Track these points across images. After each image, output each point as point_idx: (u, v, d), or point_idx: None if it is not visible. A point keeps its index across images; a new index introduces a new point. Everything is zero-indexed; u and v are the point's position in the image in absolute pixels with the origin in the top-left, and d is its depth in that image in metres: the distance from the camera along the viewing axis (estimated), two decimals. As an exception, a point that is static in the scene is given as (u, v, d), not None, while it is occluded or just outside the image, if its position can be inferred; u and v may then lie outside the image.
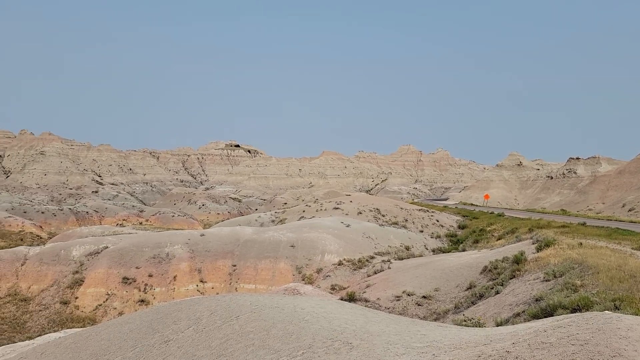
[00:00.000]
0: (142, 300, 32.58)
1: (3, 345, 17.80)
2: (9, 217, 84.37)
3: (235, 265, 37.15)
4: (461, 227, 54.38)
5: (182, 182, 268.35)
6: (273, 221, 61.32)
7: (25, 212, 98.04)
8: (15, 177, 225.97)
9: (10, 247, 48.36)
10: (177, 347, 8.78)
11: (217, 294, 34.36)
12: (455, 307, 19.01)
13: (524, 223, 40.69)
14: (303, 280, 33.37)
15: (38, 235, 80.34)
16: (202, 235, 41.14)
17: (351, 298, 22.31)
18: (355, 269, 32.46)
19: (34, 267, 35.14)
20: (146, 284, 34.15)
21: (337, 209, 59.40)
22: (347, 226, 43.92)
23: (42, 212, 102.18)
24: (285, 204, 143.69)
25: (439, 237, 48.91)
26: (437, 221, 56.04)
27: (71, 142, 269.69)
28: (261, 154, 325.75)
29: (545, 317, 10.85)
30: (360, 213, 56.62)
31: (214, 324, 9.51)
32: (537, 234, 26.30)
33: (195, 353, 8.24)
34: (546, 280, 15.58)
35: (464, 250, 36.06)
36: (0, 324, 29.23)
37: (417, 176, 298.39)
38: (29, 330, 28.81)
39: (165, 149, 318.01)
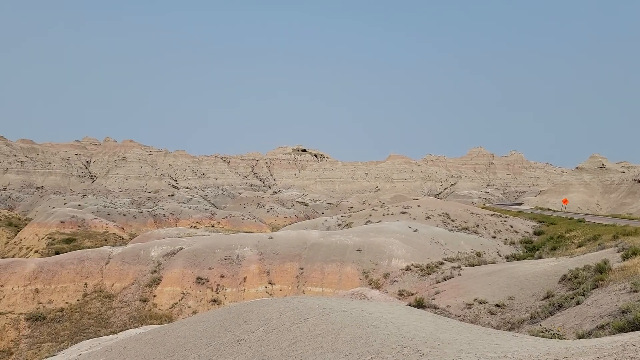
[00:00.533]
0: (215, 300, 33.78)
1: (90, 338, 19.17)
2: (95, 218, 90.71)
3: (302, 268, 37.61)
4: (537, 233, 51.70)
5: (251, 186, 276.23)
6: (339, 225, 61.48)
7: (109, 214, 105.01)
8: (100, 181, 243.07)
9: (96, 247, 52.01)
10: (249, 347, 9.01)
11: (285, 296, 34.94)
12: (531, 317, 18.08)
13: (607, 230, 37.98)
14: (370, 284, 33.15)
15: (120, 236, 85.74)
16: (271, 238, 42.03)
17: (420, 304, 21.86)
18: (423, 275, 31.78)
19: (116, 266, 37.48)
20: (218, 285, 35.38)
21: (404, 213, 58.52)
22: (415, 231, 43.14)
23: (124, 215, 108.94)
24: (352, 208, 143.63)
25: (512, 243, 46.79)
26: (511, 227, 53.65)
27: (150, 149, 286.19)
28: (327, 158, 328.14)
29: (633, 330, 10.06)
30: (429, 218, 55.41)
31: (283, 326, 9.67)
32: (623, 241, 24.45)
33: (265, 353, 8.42)
34: (634, 292, 14.43)
35: (540, 257, 34.24)
36: (87, 318, 31.43)
37: (488, 180, 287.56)
38: (112, 325, 30.74)
39: (236, 154, 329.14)
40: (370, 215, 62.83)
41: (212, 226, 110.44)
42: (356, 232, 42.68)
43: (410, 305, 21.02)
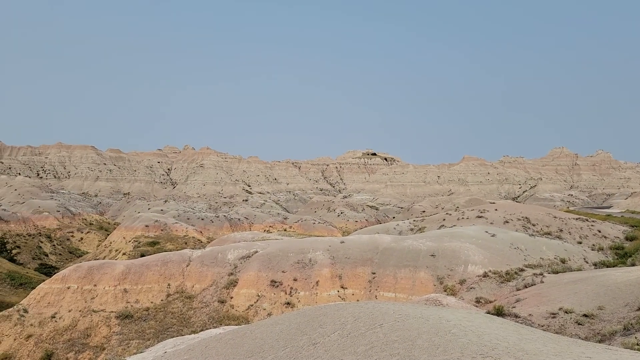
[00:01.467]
0: (288, 303, 34.41)
1: (174, 337, 20.25)
2: (176, 223, 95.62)
3: (374, 273, 37.34)
4: (629, 238, 47.82)
5: (321, 190, 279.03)
6: (411, 229, 60.43)
7: (188, 219, 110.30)
8: (180, 187, 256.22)
9: (177, 250, 54.81)
10: (325, 351, 9.07)
11: (358, 300, 34.88)
12: (625, 328, 16.74)
13: None
14: (445, 291, 32.26)
15: (199, 240, 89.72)
16: (342, 242, 42.16)
17: (499, 312, 20.95)
18: (502, 282, 30.43)
19: (196, 268, 39.25)
20: (291, 288, 36.01)
21: (480, 217, 56.43)
22: (493, 236, 41.45)
23: (202, 219, 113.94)
24: (424, 212, 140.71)
25: (601, 249, 43.62)
26: (599, 232, 50.03)
27: (225, 155, 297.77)
28: (398, 161, 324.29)
29: None
30: (507, 222, 53.02)
31: (358, 330, 9.64)
32: None
33: (342, 358, 8.44)
34: None
35: (633, 264, 31.65)
36: (170, 318, 33.16)
37: (572, 182, 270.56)
38: (193, 325, 32.21)
39: (306, 159, 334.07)
40: (444, 220, 61.22)
41: (285, 230, 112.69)
42: (429, 237, 41.75)
43: (488, 313, 20.19)
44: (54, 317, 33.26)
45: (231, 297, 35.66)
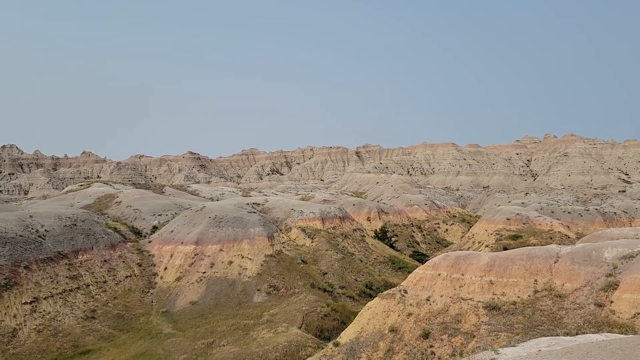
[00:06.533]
0: (693, 318, 27.45)
1: (546, 336, 19.12)
2: (539, 216, 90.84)
3: None
4: None
5: None
6: None
7: (552, 212, 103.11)
8: (541, 179, 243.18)
9: (542, 245, 51.88)
10: None
11: None
12: None
13: None
14: None
15: (566, 235, 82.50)
16: None
17: None
18: None
19: (566, 265, 36.13)
20: (697, 299, 28.67)
21: None
22: None
23: (568, 212, 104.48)
24: None
25: None
26: None
27: (593, 141, 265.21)
28: None
29: None
30: None
31: None
32: None
33: None
34: None
35: None
36: (539, 315, 31.63)
37: None
38: (565, 326, 29.76)
39: None
40: None
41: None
42: None
43: None
44: (428, 300, 36.84)
45: (611, 302, 31.15)
